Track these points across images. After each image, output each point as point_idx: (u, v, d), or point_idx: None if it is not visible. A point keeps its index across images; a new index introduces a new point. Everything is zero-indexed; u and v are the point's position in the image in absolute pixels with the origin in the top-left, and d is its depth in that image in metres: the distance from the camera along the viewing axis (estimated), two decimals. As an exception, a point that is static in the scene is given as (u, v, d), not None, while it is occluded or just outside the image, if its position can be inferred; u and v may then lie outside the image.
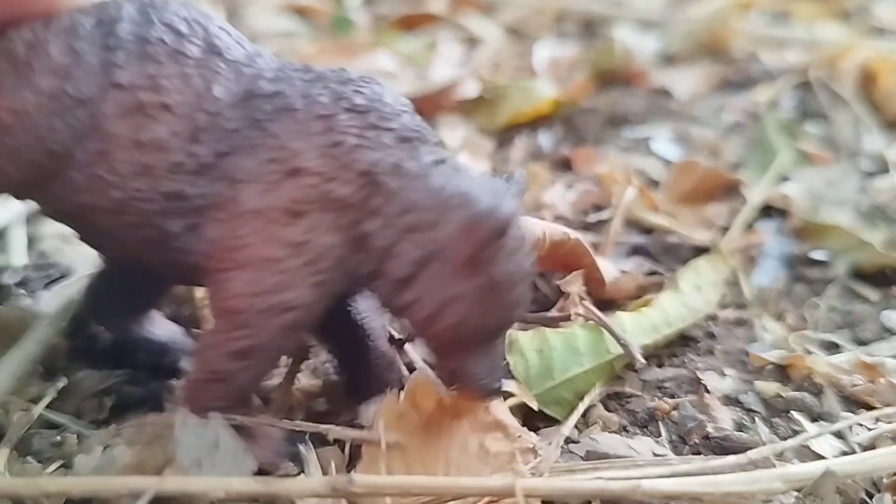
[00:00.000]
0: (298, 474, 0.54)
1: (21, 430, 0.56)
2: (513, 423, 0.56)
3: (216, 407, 0.52)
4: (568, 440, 0.59)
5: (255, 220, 0.49)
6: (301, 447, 0.55)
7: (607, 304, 0.73)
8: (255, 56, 0.53)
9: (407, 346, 0.68)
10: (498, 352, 0.54)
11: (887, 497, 0.53)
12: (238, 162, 0.50)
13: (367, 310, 0.61)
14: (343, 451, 0.56)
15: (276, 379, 0.62)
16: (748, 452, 0.54)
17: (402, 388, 0.57)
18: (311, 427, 0.55)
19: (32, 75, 0.51)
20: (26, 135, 0.51)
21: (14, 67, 0.52)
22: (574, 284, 0.70)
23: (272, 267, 0.49)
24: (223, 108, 0.51)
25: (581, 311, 0.67)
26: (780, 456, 0.56)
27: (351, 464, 0.55)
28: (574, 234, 0.70)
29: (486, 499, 0.50)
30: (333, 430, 0.55)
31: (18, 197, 0.58)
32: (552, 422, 0.61)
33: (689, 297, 0.72)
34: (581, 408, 0.60)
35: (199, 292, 0.71)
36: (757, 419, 0.62)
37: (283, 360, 0.63)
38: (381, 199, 0.50)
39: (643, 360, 0.64)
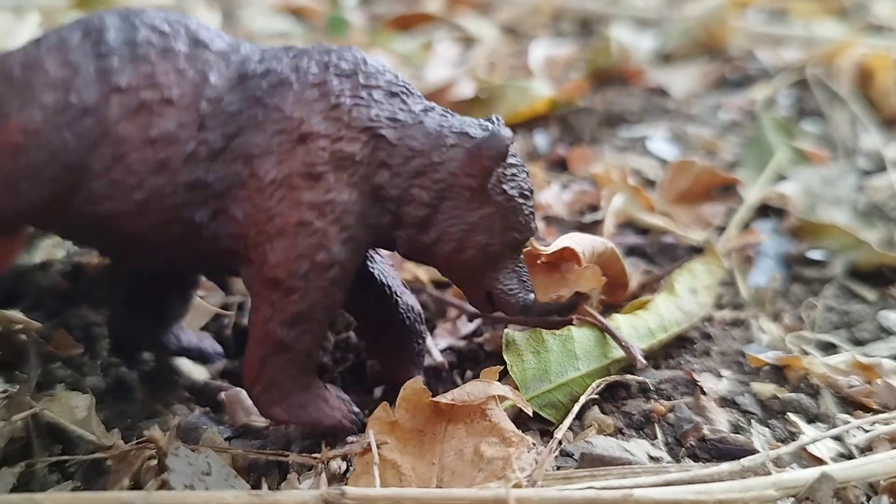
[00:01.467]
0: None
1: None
2: (510, 427, 0.55)
3: (287, 377, 0.54)
4: (563, 443, 0.59)
5: (278, 189, 0.52)
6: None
7: (605, 305, 0.73)
8: (238, 44, 0.56)
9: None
10: (522, 268, 0.58)
11: (885, 500, 0.53)
12: (248, 139, 0.52)
13: (387, 269, 0.63)
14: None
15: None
16: (742, 460, 0.53)
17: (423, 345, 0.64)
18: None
19: (34, 93, 0.52)
20: (40, 151, 0.51)
21: (15, 89, 0.52)
22: (595, 290, 0.70)
23: (305, 230, 0.52)
24: (222, 93, 0.53)
25: (586, 316, 0.67)
26: (778, 460, 0.55)
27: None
28: (610, 244, 0.69)
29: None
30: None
31: (40, 225, 0.58)
32: (546, 423, 0.61)
33: (685, 300, 0.72)
34: (574, 410, 0.59)
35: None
36: (753, 421, 0.62)
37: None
38: (385, 151, 0.54)
39: (644, 362, 0.64)
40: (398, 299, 0.62)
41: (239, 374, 0.65)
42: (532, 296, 0.58)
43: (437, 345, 0.71)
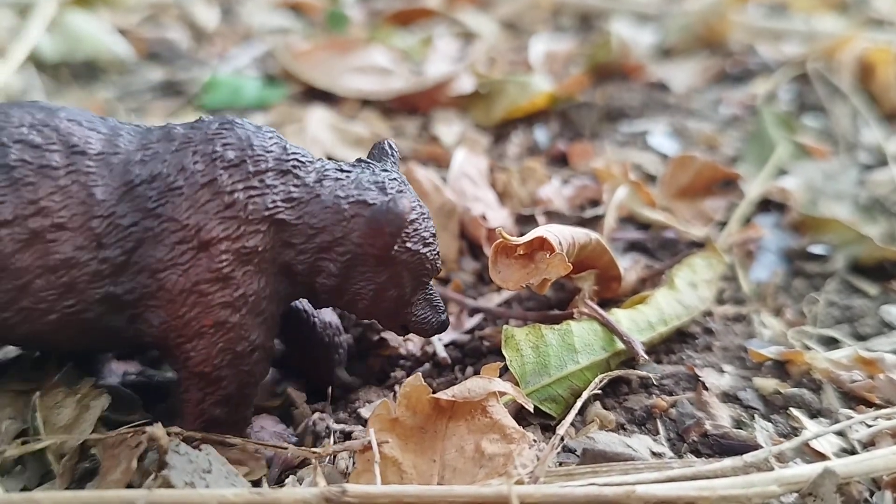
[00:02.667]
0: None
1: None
2: (511, 423, 0.55)
3: (231, 428, 0.56)
4: (565, 439, 0.59)
5: (189, 297, 0.52)
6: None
7: (604, 300, 0.73)
8: (114, 138, 0.54)
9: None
10: (432, 293, 0.59)
11: (888, 494, 0.52)
12: (149, 252, 0.52)
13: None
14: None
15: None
16: (744, 456, 0.53)
17: (343, 353, 0.67)
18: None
19: None
20: None
21: None
22: (586, 282, 0.70)
23: (221, 328, 0.53)
24: (112, 206, 0.52)
25: (585, 309, 0.66)
26: (780, 456, 0.55)
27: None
28: (594, 235, 0.69)
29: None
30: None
31: None
32: (547, 418, 0.60)
33: (685, 294, 0.71)
34: (577, 406, 0.59)
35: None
36: (756, 416, 0.62)
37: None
38: (287, 232, 0.54)
39: (646, 357, 0.64)
40: (315, 320, 0.65)
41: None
42: (444, 316, 0.60)
43: (440, 339, 0.71)
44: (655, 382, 0.64)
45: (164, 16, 1.55)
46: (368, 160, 0.58)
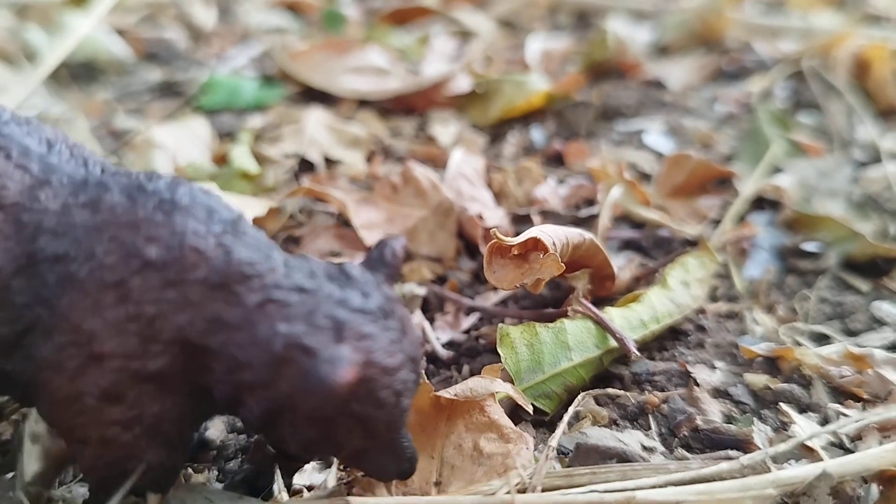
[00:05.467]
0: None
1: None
2: (507, 423, 0.56)
3: None
4: (559, 440, 0.60)
5: (74, 405, 0.43)
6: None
7: (598, 299, 0.74)
8: (38, 187, 0.44)
9: (426, 328, 0.72)
10: (398, 437, 0.47)
11: (874, 488, 0.53)
12: (37, 345, 0.43)
13: None
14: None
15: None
16: (741, 458, 0.54)
17: None
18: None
19: None
20: None
21: None
22: (580, 281, 0.71)
23: (110, 445, 0.44)
24: (7, 278, 0.43)
25: (579, 307, 0.67)
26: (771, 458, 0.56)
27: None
28: (588, 235, 0.70)
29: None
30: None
31: None
32: (541, 414, 0.61)
33: (677, 293, 0.72)
34: (570, 410, 0.60)
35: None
36: (746, 411, 0.62)
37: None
38: (206, 357, 0.43)
39: (638, 354, 0.65)
40: None
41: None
42: (406, 465, 0.48)
43: (438, 339, 0.72)
44: (646, 379, 0.65)
45: (161, 16, 1.55)
46: (353, 273, 0.45)
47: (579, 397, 0.62)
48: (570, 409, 0.60)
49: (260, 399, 0.42)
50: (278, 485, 0.53)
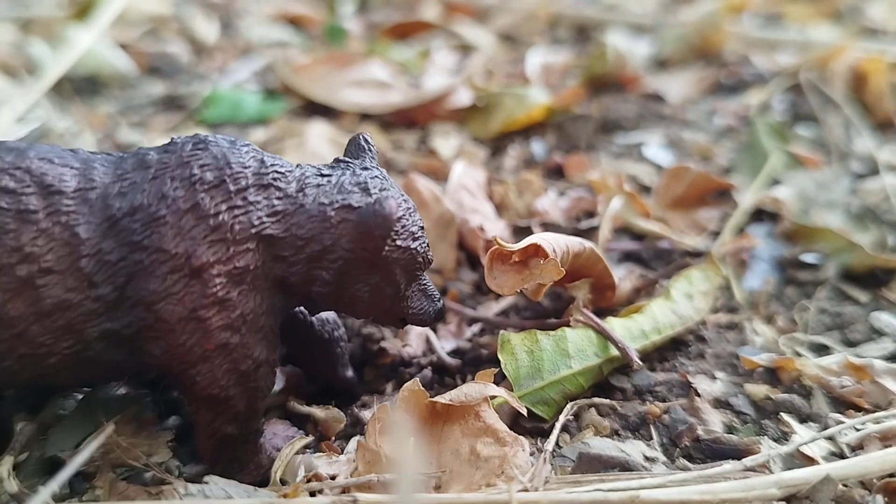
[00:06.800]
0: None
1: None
2: (503, 427, 0.57)
3: (241, 452, 0.57)
4: (560, 444, 0.60)
5: (188, 324, 0.51)
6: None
7: (599, 309, 0.74)
8: (88, 171, 0.52)
9: (431, 338, 0.73)
10: (425, 282, 0.60)
11: (879, 499, 0.54)
12: (141, 286, 0.50)
13: None
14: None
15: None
16: (744, 460, 0.54)
17: (345, 345, 0.67)
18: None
19: None
20: None
21: None
22: (581, 290, 0.72)
23: (224, 350, 0.52)
24: (97, 243, 0.51)
25: (580, 316, 0.68)
26: (774, 460, 0.56)
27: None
28: (588, 244, 0.71)
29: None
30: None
31: None
32: (540, 421, 0.62)
33: (680, 305, 0.73)
34: (566, 410, 0.61)
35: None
36: (747, 421, 0.63)
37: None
38: (276, 246, 0.53)
39: (641, 363, 0.65)
40: (311, 318, 0.65)
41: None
42: (440, 304, 0.60)
43: (443, 348, 0.73)
44: (648, 389, 0.66)
45: (164, 30, 1.56)
46: (346, 159, 0.58)
47: (569, 405, 0.62)
48: (562, 416, 0.61)
49: (327, 265, 0.54)
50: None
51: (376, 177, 0.56)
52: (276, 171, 0.54)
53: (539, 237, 0.66)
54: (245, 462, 0.57)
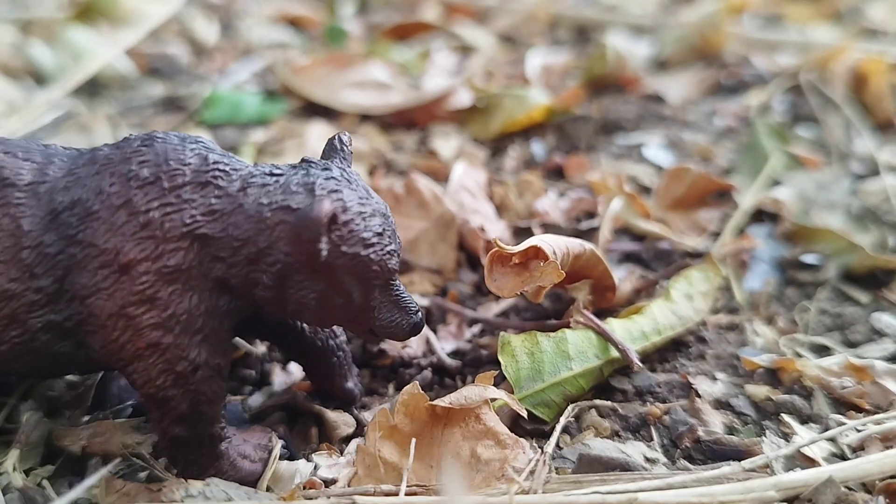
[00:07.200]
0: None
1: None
2: (503, 429, 0.57)
3: (198, 456, 0.56)
4: (560, 445, 0.60)
5: (118, 321, 0.51)
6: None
7: (599, 310, 0.74)
8: (46, 167, 0.54)
9: (431, 339, 0.72)
10: (398, 293, 0.55)
11: (880, 500, 0.54)
12: (75, 280, 0.51)
13: None
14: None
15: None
16: (742, 462, 0.54)
17: (343, 355, 0.64)
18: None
19: None
20: None
21: None
22: (581, 291, 0.72)
23: (156, 349, 0.51)
24: (39, 236, 0.52)
25: (581, 318, 0.68)
26: (775, 461, 0.56)
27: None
28: (589, 245, 0.70)
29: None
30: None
31: None
32: (540, 423, 0.62)
33: (680, 306, 0.73)
34: (567, 412, 0.61)
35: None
36: (748, 422, 0.63)
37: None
38: (212, 247, 0.52)
39: (641, 364, 0.65)
40: (303, 325, 0.63)
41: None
42: (416, 317, 0.55)
43: (443, 349, 0.73)
44: (648, 391, 0.66)
45: (164, 31, 1.56)
46: (310, 159, 0.55)
47: (569, 407, 0.62)
48: (562, 418, 0.61)
49: (267, 268, 0.51)
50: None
51: (331, 178, 0.52)
52: (219, 170, 0.53)
53: (539, 239, 0.66)
54: (204, 466, 0.56)
